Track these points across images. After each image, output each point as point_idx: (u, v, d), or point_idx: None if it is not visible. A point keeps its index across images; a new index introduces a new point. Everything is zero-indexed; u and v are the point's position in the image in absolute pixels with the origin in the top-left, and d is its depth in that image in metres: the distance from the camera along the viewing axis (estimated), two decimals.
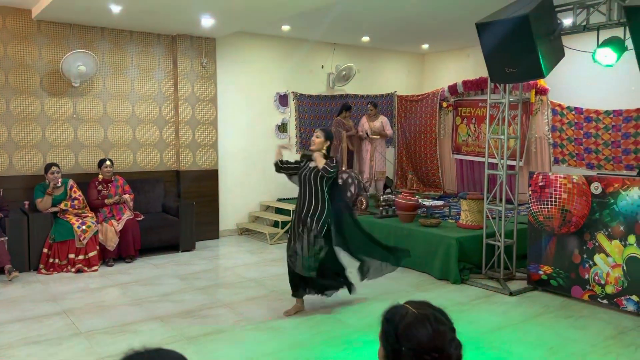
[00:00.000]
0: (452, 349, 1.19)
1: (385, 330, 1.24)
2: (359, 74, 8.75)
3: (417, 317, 1.20)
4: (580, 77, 6.87)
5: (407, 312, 1.23)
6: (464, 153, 8.52)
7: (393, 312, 1.25)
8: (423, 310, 1.23)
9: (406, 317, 1.21)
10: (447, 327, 1.20)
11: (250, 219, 8.06)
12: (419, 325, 1.19)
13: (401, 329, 1.19)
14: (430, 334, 1.18)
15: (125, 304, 4.75)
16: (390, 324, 1.22)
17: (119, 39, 6.81)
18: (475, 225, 5.82)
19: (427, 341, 1.17)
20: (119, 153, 6.89)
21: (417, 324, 1.19)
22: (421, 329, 1.18)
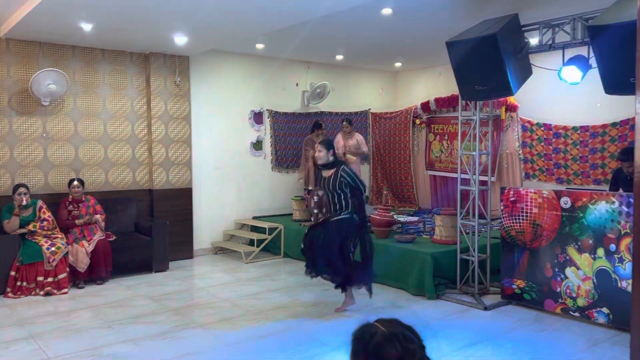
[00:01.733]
0: None
1: (355, 350, 1.24)
2: (334, 92, 8.82)
3: (386, 336, 1.20)
4: (548, 94, 7.06)
5: (376, 331, 1.22)
6: (438, 169, 8.63)
7: (362, 332, 1.24)
8: (392, 328, 1.22)
9: (375, 336, 1.21)
10: (417, 345, 1.20)
11: (225, 237, 7.98)
12: (388, 345, 1.18)
13: (371, 348, 1.19)
14: (399, 352, 1.17)
15: (96, 327, 4.62)
16: (360, 343, 1.22)
17: (90, 57, 6.74)
18: (449, 241, 5.87)
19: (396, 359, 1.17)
20: (90, 172, 6.77)
21: (386, 343, 1.18)
22: (390, 348, 1.18)
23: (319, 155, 4.82)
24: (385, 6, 5.45)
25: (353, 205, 4.79)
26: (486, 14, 5.10)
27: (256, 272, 6.71)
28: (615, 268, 4.43)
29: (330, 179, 4.77)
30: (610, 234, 4.46)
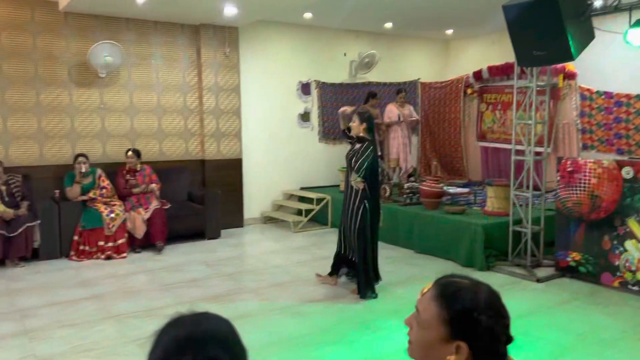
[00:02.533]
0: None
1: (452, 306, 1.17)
2: (382, 61, 8.68)
3: (486, 285, 1.21)
4: (610, 60, 6.69)
5: (461, 282, 1.23)
6: (489, 140, 8.40)
7: (457, 286, 1.21)
8: (477, 283, 1.23)
9: (477, 287, 1.20)
10: None
11: (274, 208, 8.10)
12: (491, 293, 1.20)
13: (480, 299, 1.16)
14: (500, 299, 1.20)
15: (153, 289, 4.84)
16: (464, 299, 1.16)
17: (143, 30, 6.89)
18: (501, 212, 5.76)
19: (502, 306, 1.19)
20: (145, 142, 6.99)
21: (492, 292, 1.20)
22: (493, 296, 1.20)
23: (353, 126, 4.68)
24: None
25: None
26: None
27: (304, 241, 6.81)
28: None
29: (357, 153, 4.58)
30: None
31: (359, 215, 4.53)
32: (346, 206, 4.66)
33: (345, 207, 4.67)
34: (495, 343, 1.17)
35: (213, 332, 0.95)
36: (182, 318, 0.99)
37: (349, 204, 4.62)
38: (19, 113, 6.19)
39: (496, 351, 1.17)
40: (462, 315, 1.17)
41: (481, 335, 1.15)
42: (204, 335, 0.94)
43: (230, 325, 1.01)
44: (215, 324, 0.98)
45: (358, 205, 4.54)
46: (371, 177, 4.55)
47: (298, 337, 3.76)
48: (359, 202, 4.54)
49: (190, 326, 0.96)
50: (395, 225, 6.38)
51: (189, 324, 0.97)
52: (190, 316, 0.99)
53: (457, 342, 1.16)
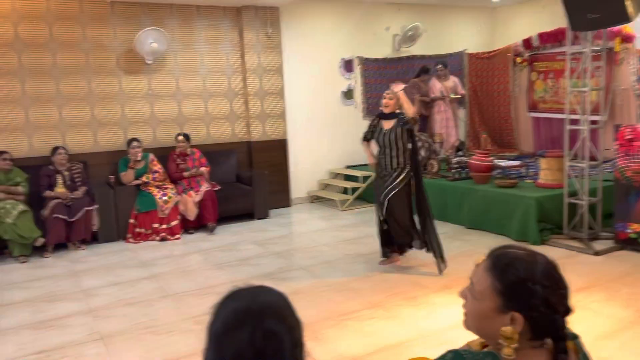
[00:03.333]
0: None
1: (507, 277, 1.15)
2: (426, 34, 8.47)
3: (543, 256, 1.18)
4: None
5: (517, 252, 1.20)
6: (541, 110, 8.10)
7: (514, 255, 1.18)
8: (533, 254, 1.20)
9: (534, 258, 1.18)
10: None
11: (320, 187, 8.14)
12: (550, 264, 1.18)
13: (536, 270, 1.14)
14: (558, 271, 1.17)
15: (207, 269, 4.99)
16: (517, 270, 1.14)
17: (186, 14, 6.98)
18: (555, 184, 5.57)
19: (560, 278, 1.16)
20: (193, 126, 7.14)
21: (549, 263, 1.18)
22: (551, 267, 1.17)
23: (389, 103, 4.59)
24: None
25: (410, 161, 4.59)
26: None
27: (352, 219, 6.82)
28: None
29: (390, 131, 4.56)
30: None
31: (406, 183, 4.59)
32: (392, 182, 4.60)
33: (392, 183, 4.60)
34: (552, 314, 1.14)
35: (270, 305, 0.98)
36: (239, 291, 1.01)
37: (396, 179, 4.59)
38: (74, 102, 6.43)
39: (553, 322, 1.14)
40: (516, 285, 1.16)
41: (536, 305, 1.13)
42: (262, 308, 0.96)
43: (285, 299, 1.03)
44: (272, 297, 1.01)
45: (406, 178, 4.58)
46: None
47: (350, 313, 3.80)
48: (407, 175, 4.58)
49: (248, 299, 0.98)
50: (445, 201, 6.29)
51: (247, 296, 0.99)
52: (248, 289, 1.02)
53: (512, 312, 1.15)
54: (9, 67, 6.05)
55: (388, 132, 4.59)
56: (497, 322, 1.17)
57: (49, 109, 6.30)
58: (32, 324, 3.85)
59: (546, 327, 1.15)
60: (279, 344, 0.94)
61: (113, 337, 3.57)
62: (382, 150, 4.64)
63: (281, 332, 0.95)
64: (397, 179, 4.55)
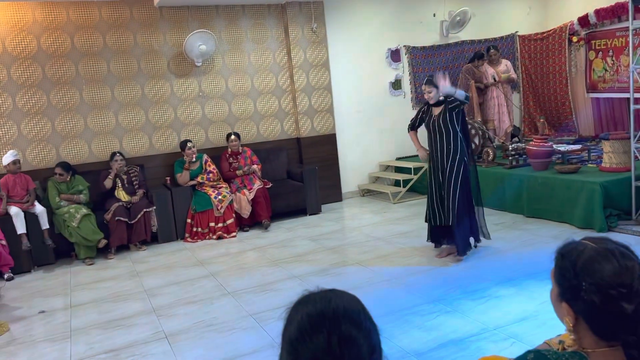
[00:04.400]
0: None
1: (560, 267, 1.15)
2: (475, 18, 8.22)
3: (599, 252, 1.10)
4: None
5: (585, 247, 1.12)
6: (601, 90, 7.71)
7: (570, 248, 1.15)
8: (605, 244, 1.11)
9: (585, 252, 1.11)
10: (636, 262, 1.08)
11: (370, 180, 8.07)
12: (602, 260, 1.08)
13: (580, 264, 1.09)
14: (615, 268, 1.06)
15: (264, 266, 5.03)
16: (567, 260, 1.13)
17: (232, 15, 7.05)
18: (621, 168, 5.28)
19: (612, 275, 1.06)
20: (243, 125, 7.22)
21: (600, 258, 1.08)
22: (605, 263, 1.07)
23: (430, 96, 4.57)
24: None
25: (462, 145, 4.53)
26: None
27: (405, 212, 6.72)
28: None
29: (440, 116, 4.52)
30: None
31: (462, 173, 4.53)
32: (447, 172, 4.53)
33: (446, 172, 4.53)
34: (603, 314, 1.06)
35: (345, 309, 0.95)
36: (311, 296, 0.99)
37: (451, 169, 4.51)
38: (128, 107, 6.63)
39: (612, 323, 1.07)
40: (562, 275, 1.15)
41: (583, 301, 1.09)
42: (336, 312, 0.93)
43: (359, 302, 1.00)
44: (346, 301, 0.98)
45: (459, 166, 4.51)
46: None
47: (410, 307, 3.73)
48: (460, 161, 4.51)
49: (321, 303, 0.96)
50: (502, 189, 6.09)
51: (320, 301, 0.97)
52: (320, 294, 0.99)
53: (564, 302, 1.15)
54: (67, 76, 6.30)
55: (437, 117, 4.56)
56: (560, 310, 1.17)
57: (106, 115, 6.53)
58: (100, 323, 4.01)
59: (605, 326, 1.09)
60: (357, 349, 0.91)
61: (177, 336, 3.66)
62: (433, 136, 4.61)
63: (358, 337, 0.92)
64: (452, 166, 4.48)
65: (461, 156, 4.52)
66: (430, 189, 4.70)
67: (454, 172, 4.49)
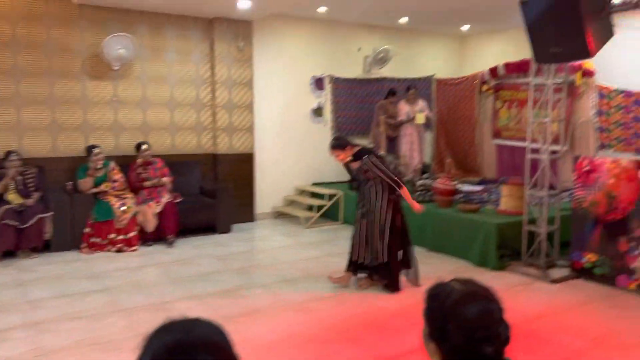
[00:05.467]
0: (501, 328, 1.13)
1: (430, 308, 1.19)
2: (397, 57, 8.59)
3: (465, 294, 1.15)
4: (629, 58, 6.53)
5: (453, 289, 1.18)
6: (505, 138, 8.28)
7: (438, 289, 1.20)
8: (470, 287, 1.17)
9: (452, 294, 1.16)
10: (496, 305, 1.15)
11: (285, 203, 8.08)
12: (467, 302, 1.13)
13: (448, 305, 1.14)
14: (479, 311, 1.12)
15: (163, 283, 4.84)
16: (436, 301, 1.17)
17: (157, 22, 6.88)
18: (515, 211, 5.66)
19: (475, 318, 1.11)
20: (157, 136, 7.00)
21: (465, 301, 1.14)
22: (469, 305, 1.13)
23: (339, 159, 4.65)
24: None
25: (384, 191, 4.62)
26: None
27: (315, 237, 6.77)
28: None
29: (360, 170, 4.61)
30: None
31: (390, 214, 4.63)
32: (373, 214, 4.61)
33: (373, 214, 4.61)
34: (466, 355, 1.12)
35: (204, 340, 0.91)
36: (172, 324, 0.95)
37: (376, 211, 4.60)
38: (33, 105, 6.21)
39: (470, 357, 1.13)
40: (431, 316, 1.20)
41: (449, 341, 1.14)
42: (195, 343, 0.90)
43: (223, 333, 0.97)
44: (207, 331, 0.94)
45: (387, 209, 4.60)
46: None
47: (307, 334, 3.73)
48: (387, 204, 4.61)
49: (181, 333, 0.92)
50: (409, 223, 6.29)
51: (180, 330, 0.93)
52: (181, 322, 0.96)
53: (432, 342, 1.19)
54: None
55: (358, 170, 4.64)
56: (429, 348, 1.22)
57: (6, 110, 6.07)
58: None
59: None
60: None
61: (56, 353, 3.40)
62: (361, 182, 4.71)
63: None
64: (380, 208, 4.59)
65: (388, 199, 4.59)
66: (359, 230, 4.70)
67: (384, 215, 4.57)
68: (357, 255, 4.70)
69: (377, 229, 4.59)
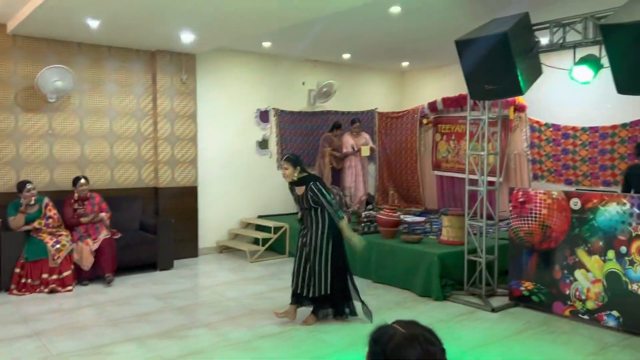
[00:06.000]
0: None
1: (372, 351, 1.19)
2: (340, 91, 8.77)
3: (406, 337, 1.16)
4: (557, 94, 6.99)
5: (395, 332, 1.18)
6: (444, 169, 8.57)
7: (381, 333, 1.20)
8: (412, 330, 1.18)
9: (394, 337, 1.16)
10: (437, 347, 1.16)
11: (230, 236, 7.94)
12: (408, 346, 1.14)
13: (390, 349, 1.15)
14: (420, 354, 1.13)
15: (100, 325, 4.60)
16: (378, 345, 1.18)
17: (96, 54, 6.72)
18: (456, 241, 5.82)
19: None
20: (95, 170, 6.75)
21: (406, 344, 1.14)
22: (410, 349, 1.13)
23: (285, 173, 4.60)
24: (394, 4, 5.40)
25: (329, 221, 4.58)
26: (496, 13, 5.04)
27: (261, 272, 6.67)
28: (626, 271, 4.37)
29: (304, 196, 4.57)
30: (621, 236, 4.39)
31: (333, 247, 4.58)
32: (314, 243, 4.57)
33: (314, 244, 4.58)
34: None
35: None
36: None
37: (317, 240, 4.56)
38: None
39: None
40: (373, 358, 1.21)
41: None
42: None
43: None
44: None
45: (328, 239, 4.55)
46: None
47: None
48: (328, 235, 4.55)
49: None
50: (352, 255, 6.32)
51: None
52: None
53: None
54: None
55: (301, 196, 4.60)
56: None
57: None
58: None
59: None
60: None
61: None
62: (303, 211, 4.68)
63: None
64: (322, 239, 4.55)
65: (330, 229, 4.55)
66: (296, 258, 4.69)
67: (325, 245, 4.54)
68: (298, 286, 4.64)
69: (318, 259, 4.55)
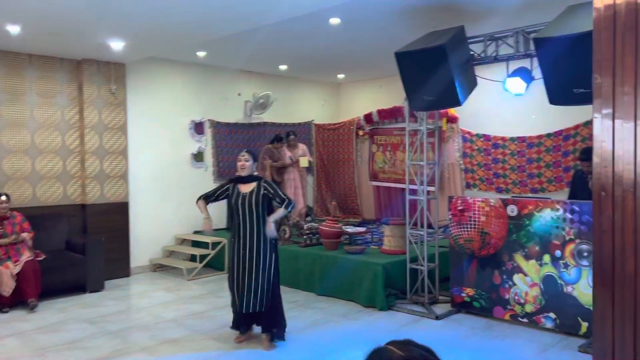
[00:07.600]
0: None
1: None
2: (277, 103, 8.69)
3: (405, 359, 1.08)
4: (487, 105, 7.28)
5: (392, 355, 1.10)
6: (381, 180, 8.68)
7: (377, 356, 1.11)
8: (410, 352, 1.11)
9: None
10: None
11: (164, 254, 7.59)
12: None
13: None
14: None
15: (25, 356, 4.19)
16: None
17: (15, 63, 6.25)
18: (398, 251, 5.86)
19: None
20: (16, 186, 6.24)
21: None
22: None
23: (245, 165, 4.33)
24: (332, 16, 5.41)
25: None
26: (432, 26, 5.16)
27: (200, 290, 6.41)
28: (561, 274, 4.56)
29: (251, 195, 4.27)
30: (555, 240, 4.59)
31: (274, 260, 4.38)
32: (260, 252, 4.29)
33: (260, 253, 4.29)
34: None
35: None
36: None
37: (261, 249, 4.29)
38: None
39: None
40: None
41: None
42: None
43: None
44: None
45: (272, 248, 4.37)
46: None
47: None
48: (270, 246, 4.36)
49: None
50: (296, 268, 6.24)
51: None
52: None
53: None
54: None
55: (247, 195, 4.29)
56: None
57: None
58: None
59: None
60: None
61: None
62: (239, 216, 4.28)
63: None
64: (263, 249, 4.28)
65: (271, 239, 4.36)
66: (237, 274, 4.29)
67: (266, 255, 4.28)
68: (244, 305, 4.26)
69: (262, 271, 4.26)
